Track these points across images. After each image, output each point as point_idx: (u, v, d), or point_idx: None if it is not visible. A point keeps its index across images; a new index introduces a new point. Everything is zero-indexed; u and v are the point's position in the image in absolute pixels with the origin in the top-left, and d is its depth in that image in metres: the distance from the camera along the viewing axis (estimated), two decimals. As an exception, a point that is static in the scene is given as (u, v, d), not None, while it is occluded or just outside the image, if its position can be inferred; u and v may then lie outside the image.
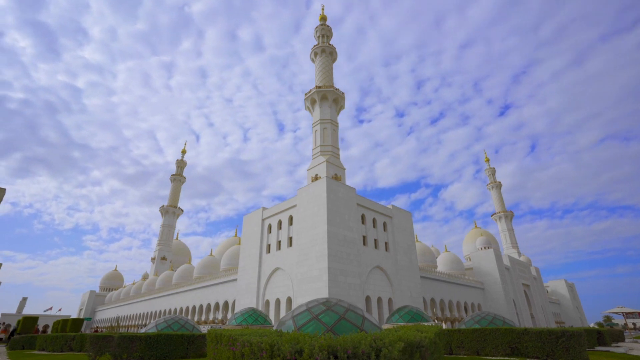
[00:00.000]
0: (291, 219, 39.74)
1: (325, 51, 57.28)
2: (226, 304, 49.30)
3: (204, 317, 52.95)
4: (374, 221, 41.49)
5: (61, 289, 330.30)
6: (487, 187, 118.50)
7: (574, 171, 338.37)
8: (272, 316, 36.94)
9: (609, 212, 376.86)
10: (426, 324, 17.69)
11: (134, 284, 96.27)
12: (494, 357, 17.44)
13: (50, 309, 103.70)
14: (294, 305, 34.33)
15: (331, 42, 59.74)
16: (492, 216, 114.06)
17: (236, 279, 46.30)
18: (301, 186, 39.40)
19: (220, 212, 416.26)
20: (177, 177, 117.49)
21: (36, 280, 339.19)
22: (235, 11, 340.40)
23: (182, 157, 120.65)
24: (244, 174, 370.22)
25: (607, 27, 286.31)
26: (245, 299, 41.76)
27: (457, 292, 58.98)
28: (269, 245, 42.02)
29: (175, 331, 19.45)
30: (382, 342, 5.62)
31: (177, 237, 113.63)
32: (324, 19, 61.01)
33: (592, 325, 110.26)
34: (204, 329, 39.44)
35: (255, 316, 26.54)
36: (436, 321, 50.41)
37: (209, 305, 52.98)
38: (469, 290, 62.45)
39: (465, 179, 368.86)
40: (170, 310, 63.16)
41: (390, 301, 39.00)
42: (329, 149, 48.06)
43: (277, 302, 37.63)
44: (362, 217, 39.93)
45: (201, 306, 54.47)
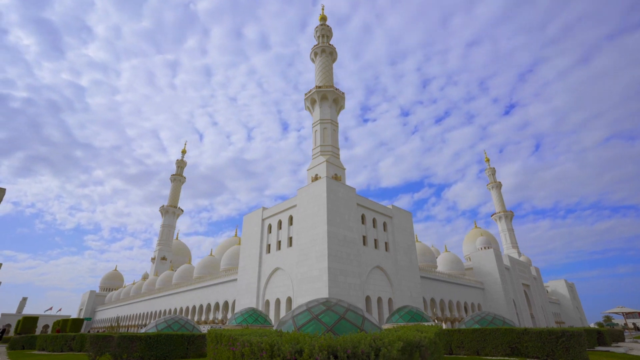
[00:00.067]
0: (291, 219, 39.76)
1: (325, 51, 57.32)
2: (226, 304, 49.33)
3: (204, 317, 52.98)
4: (374, 221, 41.51)
5: (62, 289, 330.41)
6: (487, 187, 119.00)
7: (578, 170, 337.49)
8: (272, 316, 36.96)
9: (611, 211, 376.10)
10: (426, 324, 17.71)
11: (134, 284, 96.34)
12: (494, 357, 17.45)
13: (50, 309, 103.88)
14: (294, 305, 34.34)
15: (336, 41, 61.18)
16: (492, 216, 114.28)
17: (236, 279, 46.33)
18: (303, 186, 39.42)
19: (222, 212, 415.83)
20: (177, 177, 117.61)
21: (37, 280, 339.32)
22: (241, 9, 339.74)
23: (183, 157, 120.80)
24: (247, 174, 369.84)
25: (613, 26, 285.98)
26: (245, 299, 41.78)
27: (457, 292, 59.01)
28: (269, 245, 42.05)
29: (175, 331, 19.48)
30: (382, 342, 5.64)
31: (177, 237, 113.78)
32: (324, 19, 61.07)
33: (592, 325, 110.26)
34: (204, 329, 39.48)
35: (255, 316, 26.58)
36: (436, 321, 50.43)
37: (209, 305, 53.01)
38: (469, 290, 62.48)
39: (468, 178, 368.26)
40: (170, 310, 63.21)
41: (390, 301, 39.02)
42: (329, 149, 48.10)
43: (277, 302, 37.65)
44: (362, 217, 39.96)
45: (201, 306, 54.50)
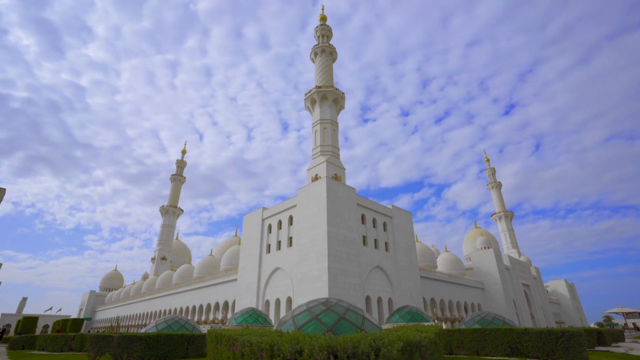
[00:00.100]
0: (291, 219, 39.76)
1: (325, 51, 57.32)
2: (226, 304, 49.33)
3: (204, 317, 52.97)
4: (374, 221, 41.51)
5: (62, 289, 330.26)
6: (487, 187, 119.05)
7: (578, 170, 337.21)
8: (272, 316, 36.96)
9: (612, 211, 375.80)
10: (426, 324, 17.71)
11: (134, 284, 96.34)
12: (494, 357, 17.45)
13: (50, 309, 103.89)
14: (294, 305, 34.34)
15: (336, 41, 61.30)
16: (492, 216, 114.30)
17: (236, 279, 46.33)
18: (303, 186, 39.42)
19: (222, 212, 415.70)
20: (177, 177, 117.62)
21: (37, 280, 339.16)
22: (241, 9, 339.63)
23: (182, 157, 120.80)
24: (247, 174, 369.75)
25: (613, 26, 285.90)
26: (245, 299, 41.78)
27: (457, 292, 59.01)
28: (269, 245, 42.05)
29: (175, 331, 19.48)
30: (382, 342, 5.64)
31: (177, 237, 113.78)
32: (324, 19, 61.09)
33: (592, 325, 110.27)
34: (204, 329, 39.48)
35: (255, 316, 26.58)
36: (436, 321, 50.43)
37: (209, 305, 53.01)
38: (469, 290, 62.48)
39: (468, 178, 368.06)
40: (170, 310, 63.20)
41: (390, 301, 39.02)
42: (329, 149, 48.10)
43: (277, 302, 37.65)
44: (362, 217, 39.95)
45: (201, 306, 54.50)
